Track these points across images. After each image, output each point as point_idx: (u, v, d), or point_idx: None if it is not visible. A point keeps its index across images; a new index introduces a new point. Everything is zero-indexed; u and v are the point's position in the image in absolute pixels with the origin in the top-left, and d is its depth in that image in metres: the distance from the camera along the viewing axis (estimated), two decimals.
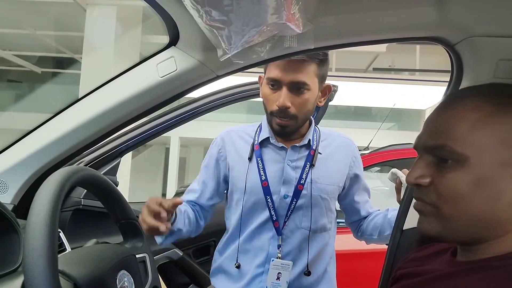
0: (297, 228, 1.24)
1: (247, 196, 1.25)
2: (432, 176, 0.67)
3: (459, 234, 0.67)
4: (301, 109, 1.20)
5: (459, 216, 0.65)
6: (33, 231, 0.57)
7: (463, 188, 0.64)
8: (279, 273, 1.21)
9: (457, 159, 0.64)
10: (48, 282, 0.54)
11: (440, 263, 0.74)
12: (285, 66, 1.16)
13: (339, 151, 1.32)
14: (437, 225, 0.68)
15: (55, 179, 0.64)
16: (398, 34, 0.98)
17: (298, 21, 0.84)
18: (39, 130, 1.14)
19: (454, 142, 0.65)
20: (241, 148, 1.31)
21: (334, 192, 1.30)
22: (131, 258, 0.82)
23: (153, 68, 1.05)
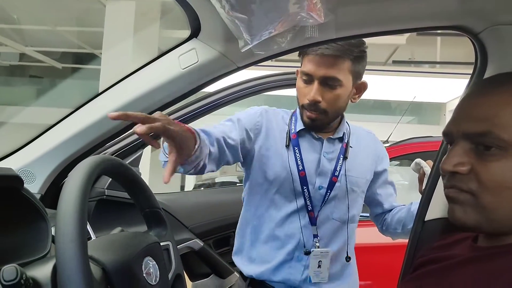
0: (328, 219, 1.26)
1: (280, 183, 1.25)
2: (472, 163, 0.65)
3: (498, 225, 0.65)
4: (332, 104, 1.20)
5: (502, 206, 0.63)
6: (64, 217, 0.59)
7: (506, 178, 0.62)
8: (320, 261, 1.24)
9: (502, 146, 0.62)
10: (79, 266, 0.56)
11: (461, 248, 0.74)
12: (318, 61, 1.16)
13: (366, 145, 1.34)
14: (475, 215, 0.65)
15: (83, 167, 0.66)
16: (421, 24, 0.98)
17: (320, 11, 0.84)
18: (64, 122, 1.17)
19: (500, 128, 0.62)
20: (277, 133, 1.28)
21: (364, 185, 1.32)
22: (156, 246, 0.83)
23: (175, 60, 1.06)
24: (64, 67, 11.20)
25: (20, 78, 12.17)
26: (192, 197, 2.02)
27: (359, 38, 1.01)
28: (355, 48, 1.16)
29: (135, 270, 0.72)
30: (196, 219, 1.65)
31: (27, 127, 6.16)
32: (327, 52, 1.14)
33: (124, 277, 0.69)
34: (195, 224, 1.66)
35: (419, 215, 1.05)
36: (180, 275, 0.91)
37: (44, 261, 0.69)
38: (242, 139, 1.22)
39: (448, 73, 7.78)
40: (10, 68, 11.33)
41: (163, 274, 0.81)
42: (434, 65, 8.83)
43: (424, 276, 0.77)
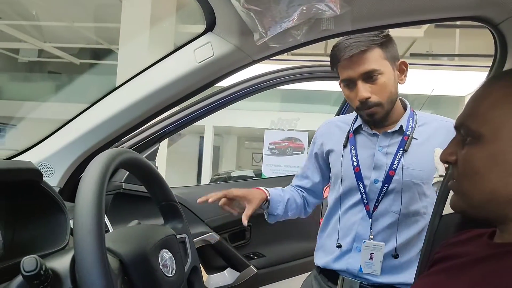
0: (387, 212, 1.27)
1: (341, 180, 1.32)
2: (457, 153, 0.71)
3: (481, 210, 0.69)
4: (381, 95, 1.22)
5: (476, 191, 0.68)
6: (82, 209, 0.60)
7: (477, 163, 0.67)
8: (372, 253, 1.26)
9: (473, 135, 0.67)
10: (96, 257, 0.57)
11: (477, 245, 0.73)
12: (349, 63, 1.19)
13: (438, 135, 1.30)
14: (460, 202, 0.71)
15: (101, 160, 0.67)
16: (439, 14, 0.96)
17: (336, 3, 0.83)
18: (82, 116, 1.18)
19: (471, 120, 0.68)
20: (338, 136, 1.38)
21: (430, 178, 1.28)
22: (172, 238, 0.84)
23: (190, 54, 1.06)
24: (82, 62, 11.34)
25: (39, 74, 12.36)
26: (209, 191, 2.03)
27: (375, 30, 1.00)
28: (376, 37, 1.17)
29: (151, 262, 0.73)
30: (212, 212, 1.66)
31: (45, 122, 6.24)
32: (354, 51, 1.16)
33: (141, 268, 0.70)
34: (211, 218, 1.67)
35: (436, 210, 1.04)
36: (197, 267, 0.92)
37: (63, 253, 0.70)
38: (317, 164, 1.46)
39: (467, 66, 7.64)
40: (29, 64, 11.52)
41: (179, 266, 0.82)
42: (453, 57, 8.68)
43: (440, 273, 0.76)
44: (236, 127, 12.21)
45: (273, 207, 1.38)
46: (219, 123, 11.56)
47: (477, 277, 0.66)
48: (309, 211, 1.50)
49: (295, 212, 1.45)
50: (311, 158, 1.48)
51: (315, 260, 1.41)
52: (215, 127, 12.35)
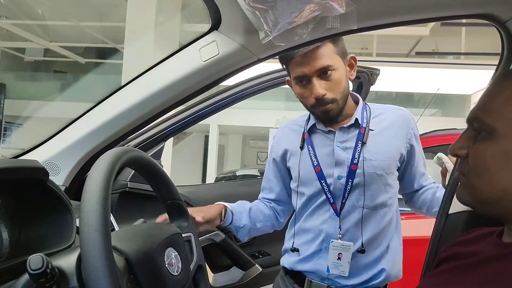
0: (355, 208, 1.25)
1: (304, 183, 1.30)
2: (469, 147, 0.69)
3: (490, 207, 0.68)
4: (336, 91, 1.22)
5: (485, 188, 0.67)
6: (88, 207, 0.60)
7: (488, 160, 0.66)
8: (340, 253, 1.24)
9: (487, 130, 0.66)
10: (102, 255, 0.57)
11: (485, 244, 0.72)
12: (303, 59, 1.18)
13: (394, 124, 1.31)
14: (467, 196, 0.70)
15: (106, 158, 0.67)
16: (446, 12, 0.95)
17: (341, 1, 0.83)
18: (88, 115, 1.18)
19: (486, 114, 0.67)
20: (294, 139, 1.35)
21: (391, 167, 1.28)
22: (178, 237, 0.84)
23: (195, 52, 1.06)
24: (87, 61, 11.39)
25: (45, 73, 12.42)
26: (214, 190, 2.03)
27: (381, 28, 0.99)
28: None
29: (157, 261, 0.73)
30: None
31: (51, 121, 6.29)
32: (307, 48, 1.15)
33: (147, 267, 0.70)
34: None
35: (442, 208, 1.03)
36: (202, 266, 0.92)
37: (69, 251, 0.71)
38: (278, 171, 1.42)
39: (473, 64, 7.60)
40: (35, 63, 11.58)
41: (185, 264, 0.82)
42: (459, 56, 8.63)
43: (446, 272, 0.76)
44: (241, 126, 12.22)
45: (237, 218, 1.33)
46: (224, 122, 11.57)
47: (484, 277, 0.65)
48: (282, 221, 1.46)
49: (265, 224, 1.40)
50: (270, 167, 1.44)
51: (281, 260, 1.39)
52: (220, 126, 12.36)
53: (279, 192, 1.43)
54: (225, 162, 15.53)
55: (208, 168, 12.52)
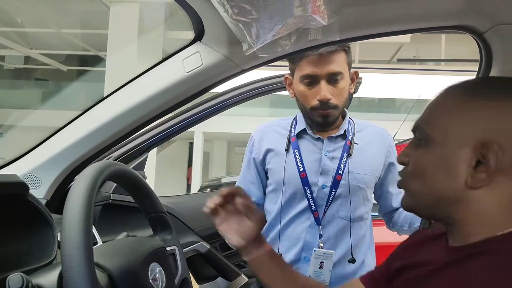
0: (335, 218, 1.25)
1: (285, 187, 1.28)
2: (411, 155, 0.73)
3: (431, 211, 0.72)
4: (340, 98, 1.24)
5: (423, 191, 0.70)
6: (69, 223, 0.59)
7: (426, 166, 0.70)
8: (322, 262, 1.23)
9: (426, 139, 0.70)
10: (84, 273, 0.56)
11: (436, 251, 0.74)
12: (319, 60, 1.18)
13: (374, 141, 1.33)
14: (409, 200, 0.74)
15: (88, 173, 0.66)
16: (425, 24, 0.97)
17: (323, 13, 0.84)
18: (69, 127, 1.17)
19: (426, 124, 0.72)
20: (277, 141, 1.33)
21: (371, 182, 1.31)
22: (162, 251, 0.83)
23: (179, 63, 1.06)
24: (69, 69, 11.26)
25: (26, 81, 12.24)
26: (198, 199, 2.01)
27: (363, 39, 1.00)
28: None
29: (141, 276, 0.72)
30: (202, 221, 1.64)
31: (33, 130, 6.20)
32: (326, 49, 1.16)
33: (130, 283, 0.69)
34: (201, 227, 1.65)
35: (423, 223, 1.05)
36: (187, 279, 0.91)
37: (50, 268, 0.70)
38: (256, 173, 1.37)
39: (453, 70, 7.75)
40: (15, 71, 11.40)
41: (169, 279, 0.81)
42: (439, 62, 8.79)
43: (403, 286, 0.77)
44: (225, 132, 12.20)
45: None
46: (209, 129, 11.53)
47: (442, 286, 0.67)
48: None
49: None
50: (250, 168, 1.39)
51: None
52: (205, 133, 12.33)
53: (260, 198, 1.39)
54: (210, 169, 15.47)
55: (193, 175, 12.45)
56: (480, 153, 0.64)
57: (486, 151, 0.64)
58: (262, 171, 1.38)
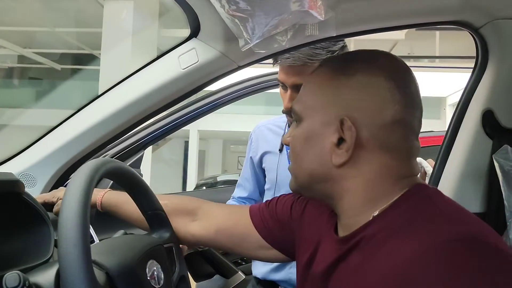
0: None
1: (278, 187, 1.29)
2: (291, 135, 0.74)
3: (310, 191, 0.72)
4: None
5: (299, 172, 0.72)
6: (66, 222, 0.59)
7: (297, 145, 0.71)
8: None
9: (297, 118, 0.72)
10: (82, 271, 0.56)
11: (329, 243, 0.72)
12: (287, 69, 1.16)
13: None
14: (292, 182, 0.74)
15: (84, 171, 0.66)
16: (421, 19, 0.97)
17: (320, 9, 0.83)
18: (65, 125, 1.16)
19: (295, 104, 0.73)
20: (271, 140, 1.35)
21: None
22: (160, 248, 0.83)
23: (174, 60, 1.05)
24: (63, 68, 11.20)
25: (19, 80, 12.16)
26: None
27: (359, 35, 1.00)
28: (322, 51, 1.12)
29: (139, 274, 0.71)
30: None
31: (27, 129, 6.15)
32: (289, 62, 1.13)
33: (128, 281, 0.68)
34: None
35: None
36: (184, 276, 0.91)
37: (47, 267, 0.69)
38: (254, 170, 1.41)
39: (447, 67, 7.77)
40: (9, 70, 11.32)
41: (167, 276, 0.80)
42: (434, 59, 8.82)
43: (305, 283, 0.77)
44: (221, 130, 12.19)
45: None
46: (204, 127, 11.52)
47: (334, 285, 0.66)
48: None
49: None
50: (248, 165, 1.44)
51: (252, 270, 1.38)
52: (200, 131, 12.32)
53: (253, 192, 1.44)
54: (206, 167, 15.46)
55: (188, 174, 12.44)
56: (341, 129, 0.65)
57: (344, 127, 0.65)
58: (259, 169, 1.40)
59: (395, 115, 0.64)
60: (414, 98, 0.67)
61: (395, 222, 0.60)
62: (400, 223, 0.60)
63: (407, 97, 0.66)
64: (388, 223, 0.61)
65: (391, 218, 0.62)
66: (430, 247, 0.53)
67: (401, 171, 0.65)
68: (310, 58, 1.11)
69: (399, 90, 0.65)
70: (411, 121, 0.66)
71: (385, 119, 0.64)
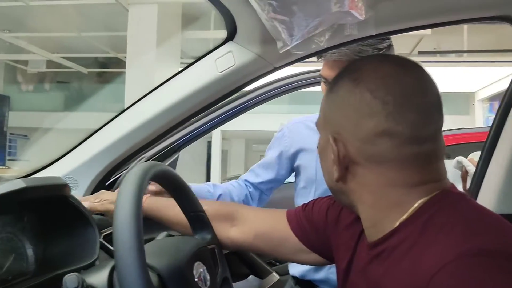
0: None
1: (317, 185, 1.28)
2: None
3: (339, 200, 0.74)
4: None
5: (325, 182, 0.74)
6: (121, 225, 0.60)
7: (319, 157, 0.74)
8: None
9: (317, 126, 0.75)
10: (139, 274, 0.57)
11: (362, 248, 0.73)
12: (332, 64, 1.15)
13: None
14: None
15: (136, 174, 0.67)
16: (463, 15, 0.95)
17: (360, 8, 0.83)
18: (105, 129, 1.18)
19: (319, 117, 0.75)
20: (308, 137, 1.33)
21: None
22: (204, 250, 0.84)
23: (211, 64, 1.07)
24: (90, 71, 11.43)
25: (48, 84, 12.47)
26: None
27: (399, 33, 0.99)
28: (369, 48, 1.12)
29: (187, 275, 0.73)
30: None
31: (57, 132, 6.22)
32: (335, 57, 1.12)
33: (179, 283, 0.70)
34: None
35: None
36: (227, 278, 0.92)
37: (99, 268, 0.71)
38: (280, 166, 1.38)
39: (476, 61, 7.58)
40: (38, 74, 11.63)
41: (212, 278, 0.81)
42: (461, 54, 8.62)
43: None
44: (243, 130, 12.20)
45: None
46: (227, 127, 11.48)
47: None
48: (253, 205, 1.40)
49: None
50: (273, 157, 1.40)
51: (289, 269, 1.36)
52: (223, 131, 12.35)
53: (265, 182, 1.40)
54: (228, 167, 15.51)
55: (212, 174, 12.50)
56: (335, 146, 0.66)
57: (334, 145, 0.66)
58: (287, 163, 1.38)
59: (375, 127, 0.63)
60: (401, 103, 0.63)
61: (415, 233, 0.59)
62: (420, 234, 0.59)
63: (389, 105, 0.63)
64: (409, 234, 0.60)
65: (411, 229, 0.60)
66: (450, 260, 0.52)
67: (409, 179, 0.63)
68: (357, 55, 1.11)
69: (377, 101, 0.63)
70: (398, 129, 0.62)
71: (365, 133, 0.64)
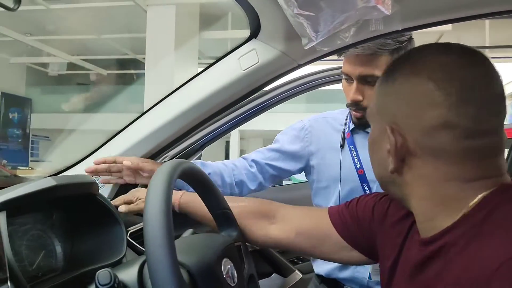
0: None
1: (341, 184, 1.25)
2: None
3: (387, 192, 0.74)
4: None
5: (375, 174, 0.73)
6: (152, 222, 0.60)
7: (369, 148, 0.73)
8: None
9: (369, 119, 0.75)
10: (171, 270, 0.57)
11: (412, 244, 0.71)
12: (354, 59, 1.13)
13: None
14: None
15: (165, 171, 0.67)
16: (491, 8, 0.92)
17: (387, 3, 0.82)
18: (130, 128, 1.20)
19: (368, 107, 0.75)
20: (331, 135, 1.31)
21: None
22: (232, 246, 0.84)
23: (235, 62, 1.07)
24: (109, 73, 11.59)
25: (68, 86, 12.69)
26: None
27: (424, 28, 0.97)
28: (391, 41, 1.10)
29: (216, 272, 0.73)
30: None
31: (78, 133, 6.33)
32: (359, 51, 1.10)
33: (208, 279, 0.70)
34: None
35: None
36: (253, 275, 0.92)
37: (129, 265, 0.71)
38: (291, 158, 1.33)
39: (498, 57, 7.44)
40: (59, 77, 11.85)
41: (240, 275, 0.81)
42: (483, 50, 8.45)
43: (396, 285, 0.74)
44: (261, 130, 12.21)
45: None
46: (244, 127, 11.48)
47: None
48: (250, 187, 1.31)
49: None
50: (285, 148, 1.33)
51: (314, 268, 1.33)
52: (241, 131, 12.38)
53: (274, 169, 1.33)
54: None
55: None
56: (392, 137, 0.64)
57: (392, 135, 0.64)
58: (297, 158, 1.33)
59: (437, 118, 0.60)
60: (465, 95, 0.61)
61: (474, 229, 0.58)
62: (479, 229, 0.57)
63: (453, 96, 0.60)
64: (467, 230, 0.59)
65: (470, 224, 0.59)
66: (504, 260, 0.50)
67: (468, 174, 0.61)
68: (380, 48, 1.09)
69: (440, 92, 0.61)
70: (460, 121, 0.60)
71: (425, 125, 0.61)
